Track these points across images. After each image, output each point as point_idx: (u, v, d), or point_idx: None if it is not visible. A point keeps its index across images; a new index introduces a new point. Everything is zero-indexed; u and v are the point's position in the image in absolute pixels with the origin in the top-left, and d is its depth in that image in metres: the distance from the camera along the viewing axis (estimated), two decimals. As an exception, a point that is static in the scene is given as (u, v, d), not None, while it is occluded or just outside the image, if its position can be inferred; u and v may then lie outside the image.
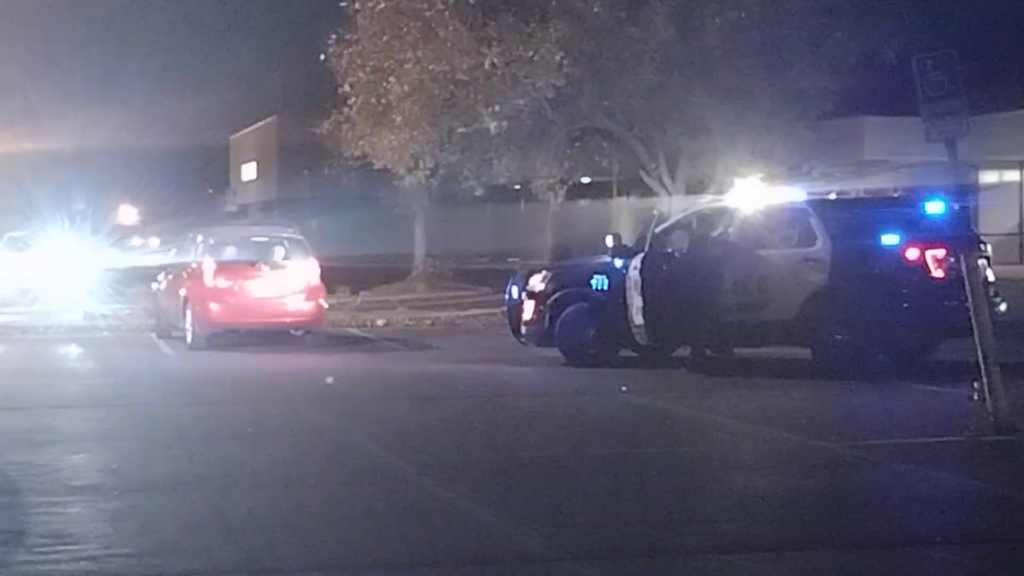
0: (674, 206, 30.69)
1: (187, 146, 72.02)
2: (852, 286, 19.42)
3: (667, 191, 32.80)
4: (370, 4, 33.10)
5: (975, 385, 14.07)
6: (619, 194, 45.95)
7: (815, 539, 9.86)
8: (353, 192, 44.74)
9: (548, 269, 23.15)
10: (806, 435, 14.30)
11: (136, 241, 55.13)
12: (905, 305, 19.40)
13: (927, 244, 19.38)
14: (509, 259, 47.47)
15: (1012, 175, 41.45)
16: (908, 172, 35.98)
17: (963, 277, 14.58)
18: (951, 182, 16.40)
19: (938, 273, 19.34)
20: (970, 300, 14.22)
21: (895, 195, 21.32)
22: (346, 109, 34.62)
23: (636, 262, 20.29)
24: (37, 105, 58.99)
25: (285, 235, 26.79)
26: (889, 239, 19.69)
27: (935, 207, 19.71)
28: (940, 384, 18.06)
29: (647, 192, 35.18)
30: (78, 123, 60.58)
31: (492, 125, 31.81)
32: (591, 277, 21.34)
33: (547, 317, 21.38)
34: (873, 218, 20.40)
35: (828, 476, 12.28)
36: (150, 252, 46.66)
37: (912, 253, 19.47)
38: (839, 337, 19.57)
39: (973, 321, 14.12)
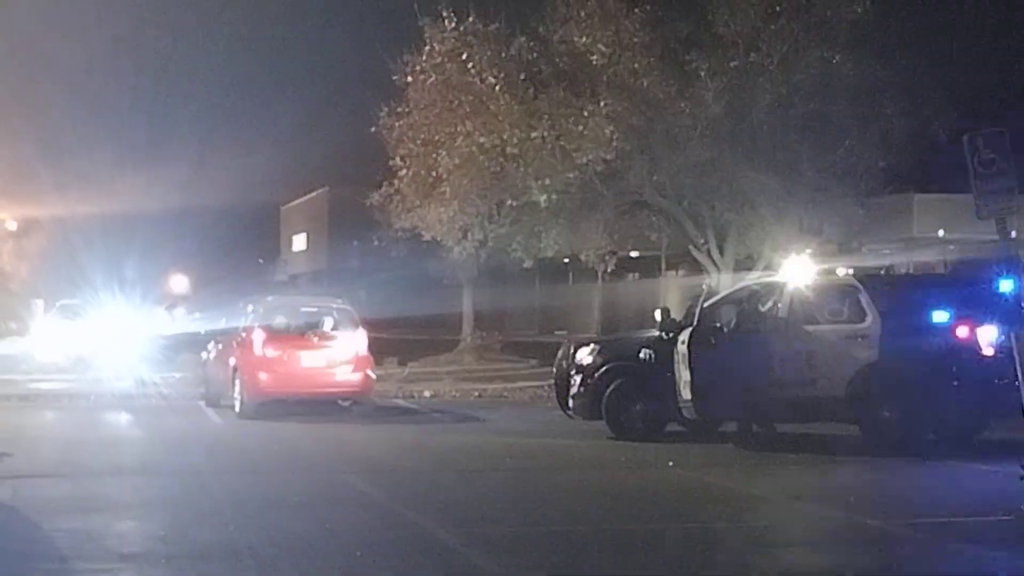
0: (723, 281, 30.67)
1: (238, 216, 72.60)
2: (901, 363, 19.35)
3: (716, 266, 32.76)
4: (421, 77, 33.31)
5: (1024, 464, 14.01)
6: (667, 268, 45.95)
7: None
8: (402, 263, 44.87)
9: (596, 342, 23.13)
10: (854, 512, 14.23)
11: (159, 312, 55.14)
12: (955, 383, 19.30)
13: (977, 322, 19.32)
14: (557, 332, 47.47)
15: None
16: (958, 249, 35.86)
17: (1013, 355, 14.52)
18: (1002, 259, 16.33)
19: (988, 351, 19.27)
20: (1020, 378, 14.15)
21: (945, 272, 21.27)
22: (396, 181, 34.76)
23: (684, 336, 20.28)
24: (88, 174, 59.61)
25: (334, 305, 26.90)
26: (939, 316, 19.63)
27: (985, 285, 19.66)
28: (989, 462, 17.94)
29: (696, 267, 35.18)
30: (129, 191, 61.16)
31: (541, 198, 31.87)
32: (639, 351, 21.33)
33: (594, 390, 21.37)
34: (922, 295, 20.36)
35: (877, 553, 12.21)
36: (173, 322, 46.85)
37: (962, 331, 19.41)
38: (888, 414, 19.50)
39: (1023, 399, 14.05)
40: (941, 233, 34.65)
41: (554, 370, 23.34)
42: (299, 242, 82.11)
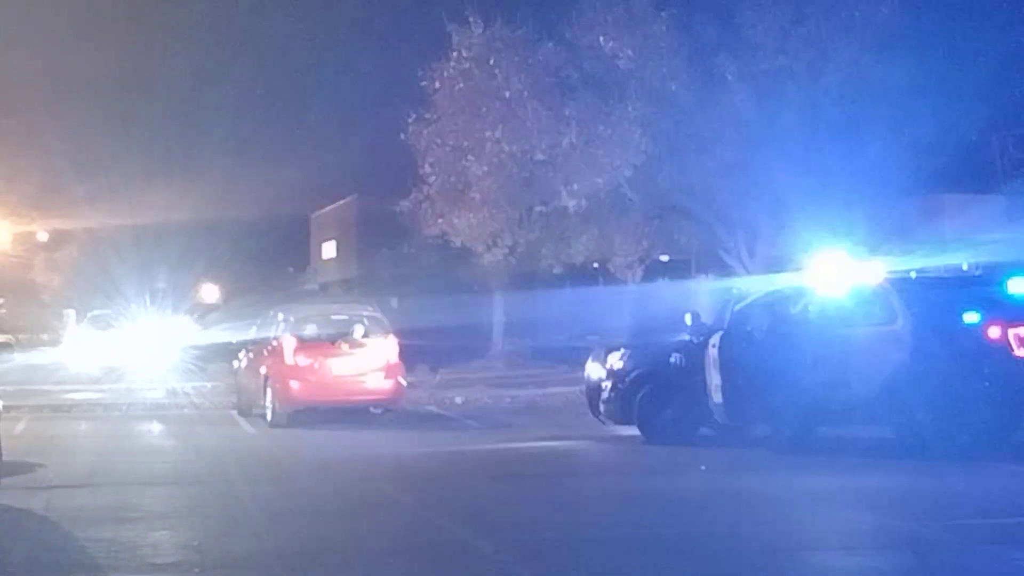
0: (753, 284, 30.61)
1: (268, 224, 72.70)
2: (933, 364, 19.26)
3: (746, 269, 32.73)
4: (449, 84, 33.39)
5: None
6: (698, 272, 45.87)
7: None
8: (432, 270, 45.00)
9: (626, 347, 23.08)
10: (888, 515, 14.17)
11: (190, 321, 55.06)
12: (987, 384, 19.21)
13: (1009, 322, 19.22)
14: (588, 337, 47.42)
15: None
16: (989, 250, 35.74)
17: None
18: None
19: (1020, 352, 19.17)
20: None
21: (976, 273, 21.15)
22: (425, 188, 34.88)
23: (715, 340, 20.23)
24: (120, 185, 59.83)
25: (365, 313, 26.89)
26: (970, 317, 19.53)
27: (1017, 285, 19.58)
28: (1024, 464, 17.90)
29: (726, 270, 35.16)
30: (159, 202, 61.36)
31: (571, 204, 31.93)
32: (670, 355, 21.29)
33: (625, 395, 21.34)
34: (954, 296, 20.26)
35: (912, 557, 12.14)
36: (204, 332, 46.92)
37: (994, 331, 19.30)
38: (921, 416, 19.41)
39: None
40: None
41: (585, 375, 23.32)
42: (329, 250, 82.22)
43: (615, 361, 21.80)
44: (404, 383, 26.16)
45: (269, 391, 25.36)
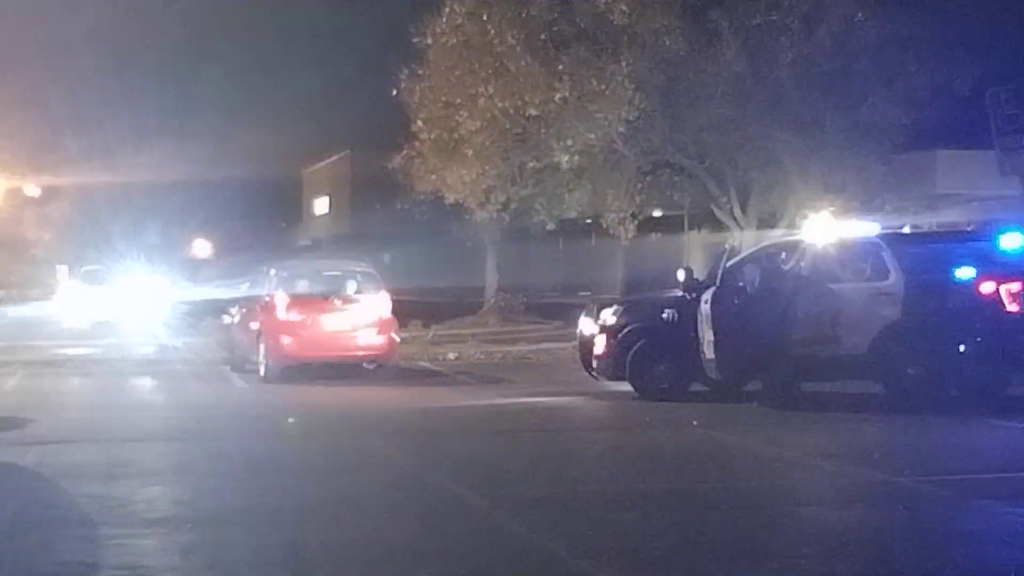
0: (745, 240, 30.61)
1: (260, 180, 72.60)
2: (925, 320, 19.32)
3: (738, 225, 32.69)
4: (442, 39, 33.25)
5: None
6: (690, 228, 45.83)
7: (891, 573, 9.80)
8: (425, 226, 44.89)
9: (619, 303, 23.10)
10: (879, 470, 14.22)
11: (182, 277, 54.86)
12: (979, 340, 19.26)
13: (1001, 278, 19.27)
14: (580, 293, 47.44)
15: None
16: (982, 206, 35.72)
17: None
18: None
19: (1012, 308, 19.22)
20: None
21: (968, 229, 21.17)
22: (418, 144, 34.75)
23: (707, 296, 20.24)
24: (112, 140, 59.66)
25: (358, 269, 26.87)
26: (962, 273, 19.57)
27: (1009, 241, 19.60)
28: (1014, 419, 17.93)
29: (718, 226, 35.12)
30: (152, 157, 61.23)
31: (564, 159, 31.79)
32: (662, 311, 21.30)
33: (618, 351, 21.35)
34: (946, 252, 20.29)
35: (902, 511, 12.18)
36: (196, 287, 46.90)
37: (986, 287, 19.35)
38: (912, 371, 19.47)
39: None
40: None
41: (578, 331, 23.34)
42: (321, 206, 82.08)
43: (608, 317, 21.80)
44: (397, 339, 26.17)
45: (262, 347, 25.37)
